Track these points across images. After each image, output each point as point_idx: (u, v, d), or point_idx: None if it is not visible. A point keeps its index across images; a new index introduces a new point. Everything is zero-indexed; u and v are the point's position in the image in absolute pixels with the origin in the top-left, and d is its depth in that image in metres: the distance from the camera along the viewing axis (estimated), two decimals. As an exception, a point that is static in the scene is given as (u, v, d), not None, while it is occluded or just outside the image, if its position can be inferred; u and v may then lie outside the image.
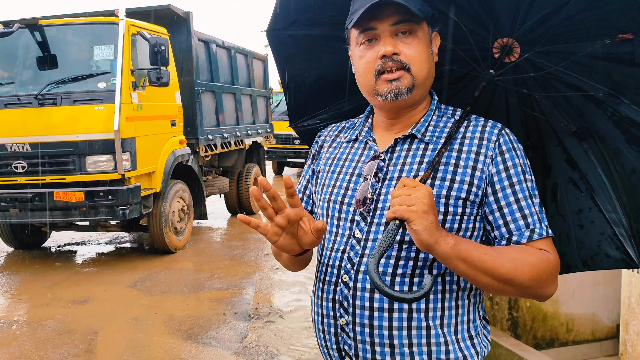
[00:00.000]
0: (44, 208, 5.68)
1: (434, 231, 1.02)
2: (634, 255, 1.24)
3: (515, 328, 3.54)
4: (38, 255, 6.71)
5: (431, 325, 1.12)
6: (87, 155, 5.65)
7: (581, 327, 3.67)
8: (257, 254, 6.56)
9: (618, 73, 1.16)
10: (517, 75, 1.24)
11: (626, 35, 1.10)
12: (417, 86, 1.15)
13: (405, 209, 1.01)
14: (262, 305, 4.78)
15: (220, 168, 8.49)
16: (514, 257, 1.07)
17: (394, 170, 1.17)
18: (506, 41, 1.21)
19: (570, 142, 1.26)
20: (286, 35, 1.42)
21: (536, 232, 1.11)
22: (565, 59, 1.17)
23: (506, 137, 1.16)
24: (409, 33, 1.13)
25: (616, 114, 1.18)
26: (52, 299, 5.02)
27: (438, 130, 1.19)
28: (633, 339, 2.83)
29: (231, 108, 8.55)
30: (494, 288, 1.08)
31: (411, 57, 1.13)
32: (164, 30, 6.72)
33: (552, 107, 1.24)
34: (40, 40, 5.94)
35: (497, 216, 1.13)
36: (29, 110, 5.74)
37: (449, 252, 1.03)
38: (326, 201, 1.24)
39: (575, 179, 1.27)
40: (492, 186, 1.13)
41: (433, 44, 1.19)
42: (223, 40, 8.43)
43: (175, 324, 4.37)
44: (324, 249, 1.23)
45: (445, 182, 1.13)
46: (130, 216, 5.73)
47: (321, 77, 1.45)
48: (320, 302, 1.21)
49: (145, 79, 6.01)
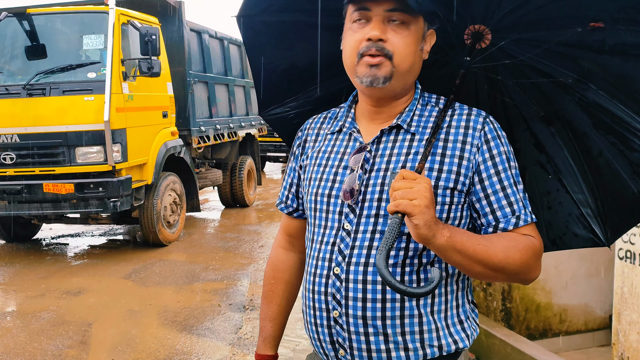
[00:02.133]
0: (34, 200, 5.62)
1: (433, 225, 1.02)
2: (600, 234, 1.29)
3: (508, 319, 3.56)
4: (31, 248, 6.67)
5: (423, 313, 1.14)
6: (77, 147, 5.58)
7: (574, 317, 3.71)
8: (251, 246, 6.55)
9: (587, 60, 1.19)
10: (490, 63, 1.25)
11: (597, 24, 1.13)
12: (395, 77, 1.13)
13: (408, 204, 1.00)
14: (257, 297, 4.78)
15: (213, 160, 8.44)
16: (505, 246, 1.09)
17: (381, 161, 1.17)
18: (477, 28, 1.22)
19: (538, 126, 1.29)
20: (258, 22, 1.40)
21: (522, 219, 1.14)
22: (537, 47, 1.20)
23: (491, 125, 1.17)
24: (402, 23, 1.12)
25: (584, 99, 1.21)
26: (46, 291, 4.99)
27: (423, 120, 1.20)
28: (625, 329, 2.86)
29: (224, 99, 8.49)
30: (485, 275, 1.11)
31: (396, 47, 1.12)
32: (155, 20, 6.64)
33: (522, 92, 1.27)
34: (29, 30, 5.85)
35: (484, 204, 1.14)
36: (17, 101, 5.66)
37: (445, 245, 1.04)
38: (314, 195, 1.23)
39: (543, 161, 1.30)
40: (479, 175, 1.14)
41: (426, 41, 1.18)
42: (216, 30, 8.36)
43: (170, 315, 4.36)
44: (314, 242, 1.23)
45: (434, 172, 1.13)
46: (121, 208, 5.69)
47: (292, 65, 1.44)
48: (312, 295, 1.21)
49: (136, 69, 5.94)
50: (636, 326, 2.80)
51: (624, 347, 2.83)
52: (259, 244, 6.64)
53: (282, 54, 1.43)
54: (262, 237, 6.97)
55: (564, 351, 3.59)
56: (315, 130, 1.32)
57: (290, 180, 1.37)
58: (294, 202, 1.37)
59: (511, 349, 3.13)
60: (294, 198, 1.36)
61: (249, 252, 6.30)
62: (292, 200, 1.37)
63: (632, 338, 2.81)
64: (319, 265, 1.20)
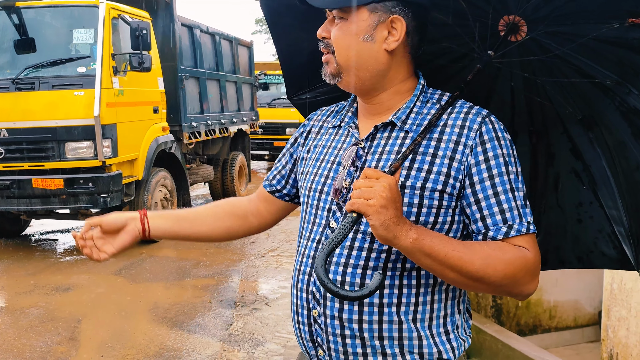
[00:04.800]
0: (23, 195, 5.56)
1: (392, 226, 0.97)
2: (630, 256, 1.19)
3: (499, 315, 3.58)
4: (20, 243, 6.60)
5: (403, 320, 1.10)
6: (67, 142, 5.52)
7: (564, 314, 3.73)
8: (242, 242, 6.53)
9: (628, 60, 1.07)
10: (523, 58, 1.16)
11: (637, 20, 1.02)
12: (343, 72, 1.12)
13: (362, 203, 0.97)
14: (247, 293, 4.77)
15: (205, 156, 8.40)
16: (486, 255, 1.02)
17: (372, 159, 1.13)
18: (512, 18, 1.11)
19: (576, 130, 1.18)
20: (281, 4, 1.36)
21: (514, 228, 1.04)
22: (572, 41, 1.09)
23: (489, 125, 1.09)
24: (340, 18, 1.12)
25: (624, 104, 1.10)
26: (35, 287, 4.94)
27: (420, 117, 1.13)
28: (614, 325, 2.88)
29: (216, 95, 8.45)
30: (463, 284, 1.05)
31: (334, 41, 1.13)
32: (146, 14, 6.59)
33: (558, 92, 1.17)
34: (18, 23, 5.77)
35: (474, 210, 1.07)
36: (6, 95, 5.58)
37: (410, 247, 0.99)
38: (307, 189, 1.21)
39: (579, 169, 1.20)
40: (470, 178, 1.07)
41: (378, 29, 1.09)
42: (207, 25, 8.30)
43: (160, 312, 4.34)
44: (302, 237, 1.21)
45: (421, 173, 1.08)
46: (111, 204, 5.63)
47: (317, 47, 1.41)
48: (296, 292, 1.19)
49: (127, 64, 5.89)
50: (625, 322, 2.82)
51: (613, 342, 2.85)
52: (250, 240, 6.62)
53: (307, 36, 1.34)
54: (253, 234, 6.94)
55: (554, 347, 3.61)
56: (320, 123, 1.30)
57: (284, 163, 1.35)
58: (279, 184, 1.34)
59: (502, 345, 3.14)
60: (281, 180, 1.34)
61: (240, 248, 6.28)
62: (279, 181, 1.35)
63: (621, 334, 2.83)
64: (303, 262, 1.18)
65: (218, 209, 1.38)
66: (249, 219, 1.37)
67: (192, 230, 1.34)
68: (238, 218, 1.37)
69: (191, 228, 1.34)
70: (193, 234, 1.35)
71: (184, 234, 1.34)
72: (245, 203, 1.39)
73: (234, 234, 1.38)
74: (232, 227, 1.36)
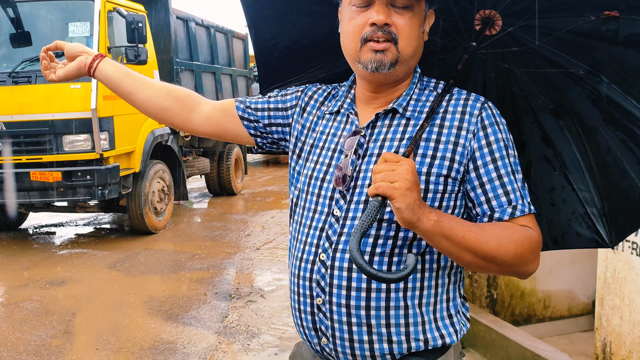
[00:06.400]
0: (21, 188, 5.56)
1: (417, 208, 0.98)
2: (604, 234, 1.23)
3: (493, 305, 3.59)
4: (16, 237, 6.60)
5: (409, 305, 1.11)
6: (64, 135, 5.54)
7: (558, 303, 3.75)
8: (238, 235, 6.53)
9: (600, 51, 1.12)
10: (498, 50, 1.20)
11: (612, 13, 1.06)
12: (400, 62, 1.11)
13: (388, 186, 0.97)
14: (243, 285, 4.77)
15: (201, 149, 8.40)
16: (497, 235, 1.05)
17: (374, 146, 1.14)
18: (488, 13, 1.17)
19: (547, 119, 1.23)
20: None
21: (518, 209, 1.08)
22: (548, 35, 1.14)
23: (489, 110, 1.12)
24: (405, 7, 1.09)
25: (595, 92, 1.15)
26: (30, 280, 4.94)
27: (420, 104, 1.16)
28: (608, 314, 2.89)
29: (211, 88, 8.44)
30: (476, 265, 1.06)
31: (402, 31, 1.09)
32: (141, 7, 6.57)
33: (531, 83, 1.21)
34: (14, 17, 5.76)
35: (479, 192, 1.10)
36: (3, 89, 5.59)
37: (431, 230, 1.00)
38: (308, 177, 1.20)
39: (549, 156, 1.25)
40: (474, 162, 1.10)
41: (426, 22, 1.15)
42: (202, 18, 8.28)
43: (155, 305, 4.34)
44: (302, 225, 1.20)
45: (426, 159, 1.10)
46: (109, 196, 5.65)
47: (295, 42, 1.39)
48: (297, 280, 1.18)
49: (123, 57, 5.89)
50: (618, 311, 2.83)
51: (607, 331, 2.86)
52: (245, 232, 6.63)
53: (285, 30, 1.37)
54: (248, 226, 6.96)
55: (548, 336, 3.63)
56: (317, 105, 1.27)
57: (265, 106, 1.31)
58: (250, 116, 1.31)
59: (496, 334, 3.15)
60: (252, 114, 1.31)
61: (235, 241, 6.28)
62: (250, 114, 1.31)
63: (614, 322, 2.84)
64: (305, 250, 1.17)
65: (171, 89, 1.36)
66: (191, 115, 1.33)
67: (132, 89, 1.34)
68: (182, 107, 1.33)
69: (133, 86, 1.34)
70: (131, 94, 1.35)
71: (123, 89, 1.35)
72: (202, 103, 1.35)
73: (166, 117, 1.35)
74: (169, 109, 1.33)
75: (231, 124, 1.33)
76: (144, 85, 1.35)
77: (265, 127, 1.32)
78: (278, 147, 1.35)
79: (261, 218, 7.37)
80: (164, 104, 1.34)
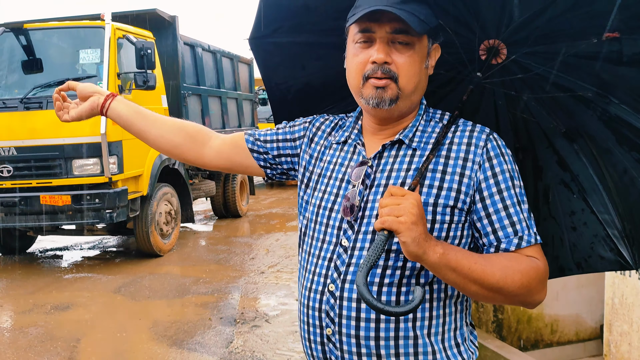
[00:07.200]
0: (30, 212, 5.62)
1: (422, 242, 1.00)
2: (627, 256, 1.23)
3: (500, 330, 3.57)
4: (21, 261, 6.62)
5: (418, 335, 1.11)
6: (74, 159, 5.63)
7: (565, 328, 3.71)
8: (242, 258, 6.53)
9: (606, 72, 1.14)
10: (505, 78, 1.22)
11: (613, 34, 1.08)
12: (401, 98, 1.13)
13: (394, 220, 0.99)
14: (248, 310, 4.76)
15: (207, 171, 8.46)
16: (504, 265, 1.05)
17: (381, 177, 1.15)
18: (492, 42, 1.19)
19: (561, 143, 1.24)
20: (269, 43, 1.40)
21: (524, 240, 1.09)
22: (552, 59, 1.16)
23: (494, 142, 1.14)
24: (406, 44, 1.11)
25: (606, 113, 1.16)
26: (35, 305, 4.95)
27: (426, 135, 1.18)
28: (617, 340, 2.87)
29: (217, 111, 8.55)
30: (483, 296, 1.07)
31: (401, 68, 1.11)
32: (150, 34, 6.70)
33: (541, 108, 1.23)
34: (26, 44, 5.90)
35: (486, 223, 1.11)
36: (14, 114, 5.69)
37: (437, 262, 1.01)
38: (317, 207, 1.22)
39: (567, 180, 1.25)
40: (480, 193, 1.11)
41: (431, 56, 1.17)
42: (209, 44, 8.43)
43: (160, 330, 4.33)
44: (310, 255, 1.21)
45: (433, 190, 1.11)
46: (117, 219, 5.70)
47: (306, 84, 1.44)
48: (307, 310, 1.18)
49: (132, 83, 6.00)
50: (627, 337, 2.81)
51: (616, 358, 2.84)
52: (250, 256, 6.63)
53: (296, 74, 1.42)
54: (253, 249, 6.96)
55: (556, 363, 3.59)
56: (325, 135, 1.30)
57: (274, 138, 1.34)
58: (261, 148, 1.34)
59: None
60: (262, 147, 1.34)
61: (240, 264, 6.28)
62: (261, 146, 1.34)
63: (623, 349, 2.82)
64: (314, 280, 1.18)
65: (182, 126, 1.38)
66: (203, 150, 1.37)
67: (144, 128, 1.37)
68: (193, 143, 1.37)
69: (145, 125, 1.37)
70: (143, 132, 1.38)
71: (135, 127, 1.38)
72: (212, 137, 1.39)
73: (178, 153, 1.38)
74: (180, 146, 1.37)
75: (241, 157, 1.36)
76: (155, 123, 1.38)
77: (275, 158, 1.35)
78: (287, 176, 1.38)
79: (266, 241, 7.37)
80: (175, 140, 1.37)
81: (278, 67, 1.44)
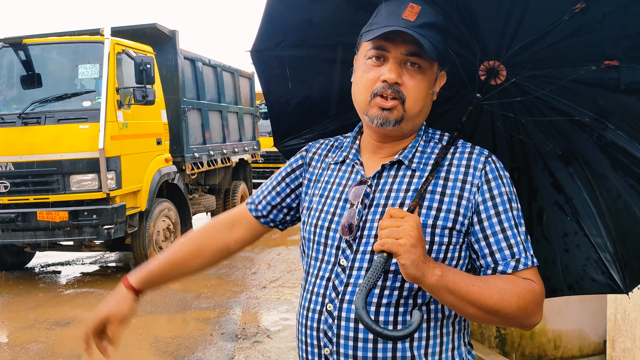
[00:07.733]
0: (28, 228, 5.60)
1: (421, 264, 1.00)
2: (619, 280, 1.24)
3: (503, 345, 3.54)
4: (21, 276, 6.58)
5: (416, 355, 1.11)
6: (72, 175, 5.61)
7: (568, 343, 3.69)
8: (244, 273, 6.51)
9: (604, 99, 1.16)
10: (504, 100, 1.24)
11: (612, 62, 1.11)
12: (406, 120, 1.14)
13: (393, 243, 0.99)
14: (249, 325, 4.73)
15: (207, 186, 8.46)
16: (501, 288, 1.06)
17: (380, 196, 1.16)
18: (492, 64, 1.21)
19: (556, 165, 1.26)
20: (271, 56, 1.41)
21: (522, 262, 1.10)
22: (552, 84, 1.18)
23: (492, 165, 1.15)
24: (418, 67, 1.13)
25: (602, 139, 1.18)
26: (35, 321, 4.92)
27: (425, 156, 1.19)
28: (620, 356, 2.85)
29: (217, 126, 8.55)
30: (480, 318, 1.08)
31: (410, 91, 1.12)
32: (150, 49, 6.73)
33: (538, 130, 1.25)
34: (25, 59, 5.92)
35: (483, 245, 1.12)
36: (12, 130, 5.69)
37: (435, 284, 1.02)
38: (313, 226, 1.22)
39: (561, 202, 1.27)
40: (478, 215, 1.12)
41: (437, 83, 1.19)
42: (209, 58, 8.46)
43: (161, 345, 4.30)
44: (309, 275, 1.21)
45: (432, 211, 1.12)
46: (115, 235, 5.67)
47: (306, 97, 1.45)
48: (305, 330, 1.19)
49: (131, 98, 6.00)
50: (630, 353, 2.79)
51: (619, 374, 2.82)
52: (251, 270, 6.60)
53: (296, 87, 1.43)
54: (254, 264, 6.93)
55: (560, 378, 3.56)
56: (322, 158, 1.30)
57: (274, 186, 1.35)
58: (264, 209, 1.35)
59: (506, 377, 3.10)
60: (267, 205, 1.35)
61: (242, 279, 6.25)
62: (264, 207, 1.35)
63: (626, 365, 2.80)
64: (312, 300, 1.18)
65: (201, 247, 1.38)
66: (230, 248, 1.39)
67: (180, 275, 1.40)
68: (221, 251, 1.39)
69: (179, 273, 1.39)
70: (181, 276, 1.41)
71: (173, 279, 1.41)
72: (226, 233, 1.38)
73: (217, 263, 1.42)
74: (215, 259, 1.40)
75: (257, 230, 1.38)
76: (183, 268, 1.38)
77: (279, 204, 1.35)
78: (297, 211, 1.37)
79: (267, 255, 7.35)
80: (207, 262, 1.39)
81: (279, 80, 1.45)
